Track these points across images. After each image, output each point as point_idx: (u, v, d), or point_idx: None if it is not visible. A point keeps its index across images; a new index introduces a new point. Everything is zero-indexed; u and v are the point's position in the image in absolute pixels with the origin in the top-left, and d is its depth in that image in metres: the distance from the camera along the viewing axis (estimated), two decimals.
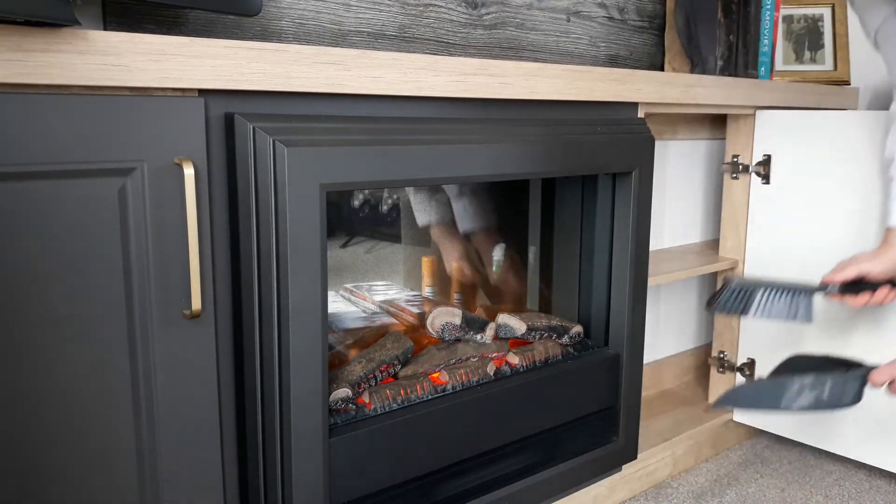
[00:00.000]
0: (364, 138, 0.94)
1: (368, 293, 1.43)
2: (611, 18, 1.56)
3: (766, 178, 1.62)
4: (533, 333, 1.33)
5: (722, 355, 1.75)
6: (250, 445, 0.93)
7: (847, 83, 1.88)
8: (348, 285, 1.41)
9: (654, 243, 1.81)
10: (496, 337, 1.31)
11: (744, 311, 1.25)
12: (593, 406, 1.35)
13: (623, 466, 1.44)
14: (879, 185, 1.44)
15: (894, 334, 1.45)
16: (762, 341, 1.67)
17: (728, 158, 1.68)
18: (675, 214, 1.87)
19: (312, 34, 1.14)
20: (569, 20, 1.47)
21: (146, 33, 0.76)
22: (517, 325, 1.32)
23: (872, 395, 1.16)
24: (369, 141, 0.94)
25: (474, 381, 1.19)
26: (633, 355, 1.38)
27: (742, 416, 1.72)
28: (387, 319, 1.40)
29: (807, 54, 1.91)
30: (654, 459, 1.53)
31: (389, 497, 1.08)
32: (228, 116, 0.85)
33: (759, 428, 1.72)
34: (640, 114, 1.32)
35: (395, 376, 1.17)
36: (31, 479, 0.76)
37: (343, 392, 1.05)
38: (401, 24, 1.25)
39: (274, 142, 0.85)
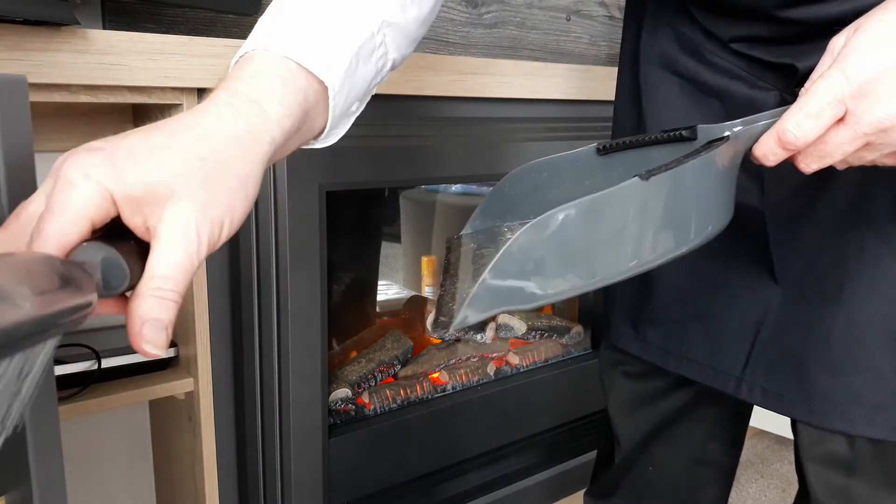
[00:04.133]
0: (363, 138, 0.93)
1: None
2: (611, 17, 1.55)
3: None
4: (533, 333, 1.32)
5: None
6: (249, 445, 0.93)
7: None
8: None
9: None
10: (496, 337, 1.31)
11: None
12: (594, 406, 1.35)
13: None
14: None
15: None
16: None
17: None
18: None
19: None
20: (569, 19, 1.46)
21: (145, 32, 0.76)
22: (517, 325, 1.32)
23: None
24: (369, 141, 0.94)
25: (474, 381, 1.19)
26: None
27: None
28: (387, 319, 1.40)
29: None
30: None
31: (389, 497, 1.08)
32: None
33: (760, 428, 1.71)
34: None
35: (395, 376, 1.17)
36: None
37: (343, 392, 1.05)
38: None
39: None
